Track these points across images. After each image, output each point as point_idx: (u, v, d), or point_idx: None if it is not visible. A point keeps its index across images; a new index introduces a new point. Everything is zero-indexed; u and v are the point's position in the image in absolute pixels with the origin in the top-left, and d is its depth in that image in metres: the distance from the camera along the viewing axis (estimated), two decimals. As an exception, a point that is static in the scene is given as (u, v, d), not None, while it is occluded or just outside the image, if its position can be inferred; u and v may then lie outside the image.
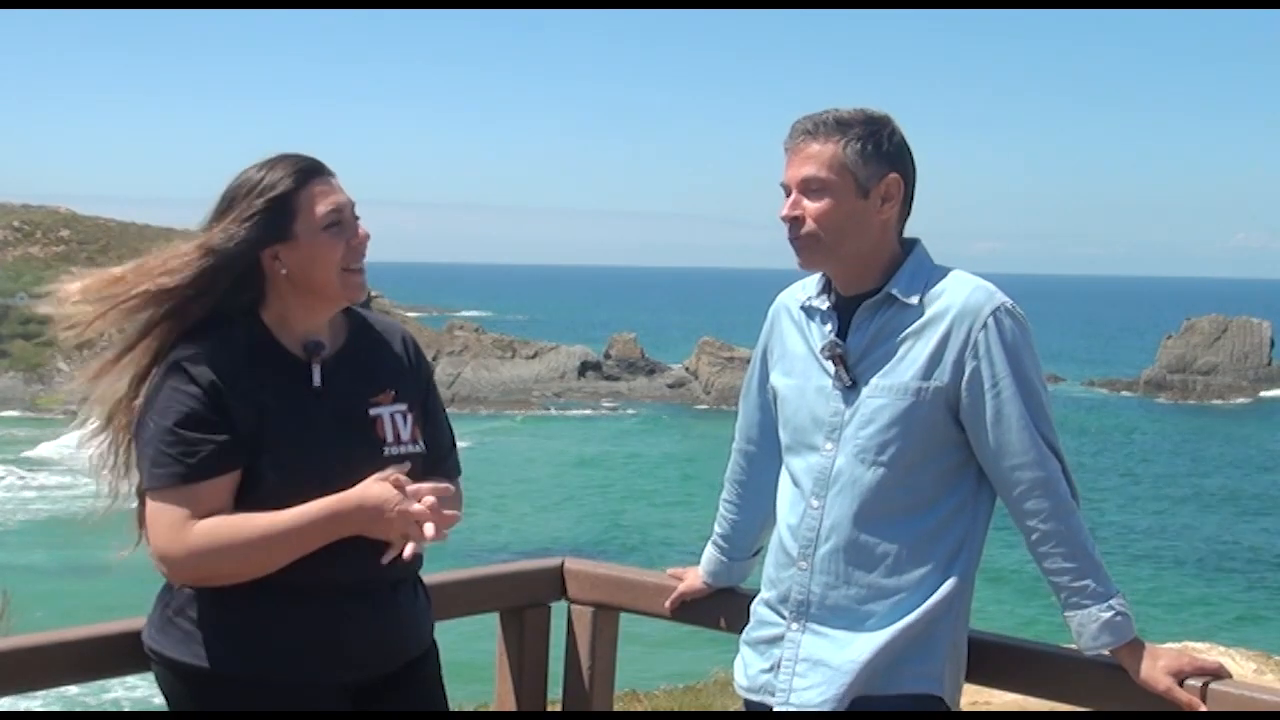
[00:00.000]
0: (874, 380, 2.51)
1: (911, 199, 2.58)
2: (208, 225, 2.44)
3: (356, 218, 2.49)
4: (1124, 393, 72.08)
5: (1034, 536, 2.46)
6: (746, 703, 2.66)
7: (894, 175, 2.53)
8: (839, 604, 2.52)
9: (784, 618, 2.58)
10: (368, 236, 2.48)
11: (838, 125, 2.52)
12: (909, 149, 2.58)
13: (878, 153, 2.51)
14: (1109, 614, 2.42)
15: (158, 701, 2.50)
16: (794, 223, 2.54)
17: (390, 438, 2.49)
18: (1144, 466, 50.67)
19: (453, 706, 2.68)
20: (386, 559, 2.35)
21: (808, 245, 2.54)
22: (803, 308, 2.66)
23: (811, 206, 2.52)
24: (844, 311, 2.58)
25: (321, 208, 2.43)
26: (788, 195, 2.56)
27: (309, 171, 2.44)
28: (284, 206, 2.41)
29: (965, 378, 2.47)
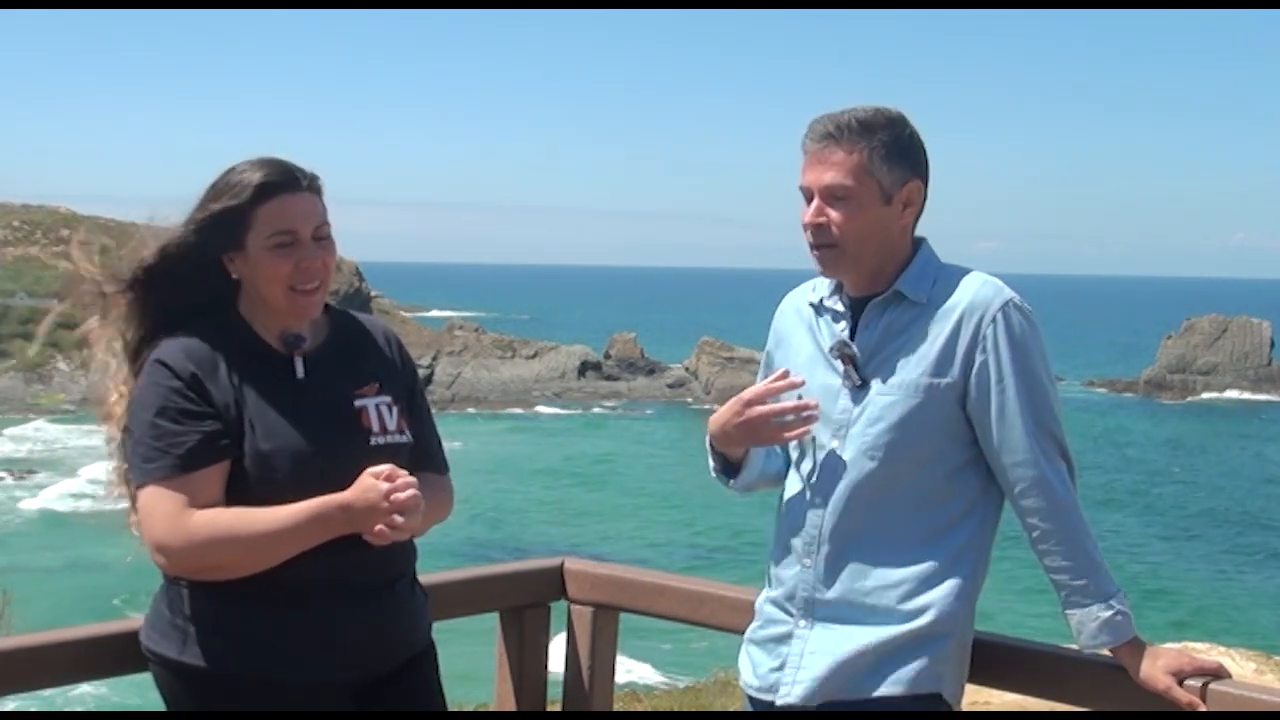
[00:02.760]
0: (884, 378, 2.49)
1: (926, 199, 2.57)
2: (186, 219, 2.46)
3: (322, 239, 2.45)
4: (1124, 393, 72.11)
5: (1035, 534, 2.46)
6: (753, 701, 2.65)
7: (915, 182, 2.51)
8: (846, 600, 2.51)
9: (791, 615, 2.57)
10: (324, 266, 2.44)
11: (862, 130, 2.47)
12: (924, 148, 2.55)
13: (901, 158, 2.49)
14: (1108, 613, 2.41)
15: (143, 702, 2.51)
16: (818, 230, 2.51)
17: (377, 428, 2.48)
18: (1143, 466, 50.65)
19: (453, 706, 2.68)
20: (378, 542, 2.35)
21: (831, 254, 2.51)
22: (812, 305, 2.64)
23: (836, 215, 2.48)
24: (854, 311, 2.57)
25: (273, 225, 2.40)
26: (808, 200, 2.52)
27: (275, 185, 2.41)
28: (240, 216, 2.41)
29: (974, 371, 2.46)
